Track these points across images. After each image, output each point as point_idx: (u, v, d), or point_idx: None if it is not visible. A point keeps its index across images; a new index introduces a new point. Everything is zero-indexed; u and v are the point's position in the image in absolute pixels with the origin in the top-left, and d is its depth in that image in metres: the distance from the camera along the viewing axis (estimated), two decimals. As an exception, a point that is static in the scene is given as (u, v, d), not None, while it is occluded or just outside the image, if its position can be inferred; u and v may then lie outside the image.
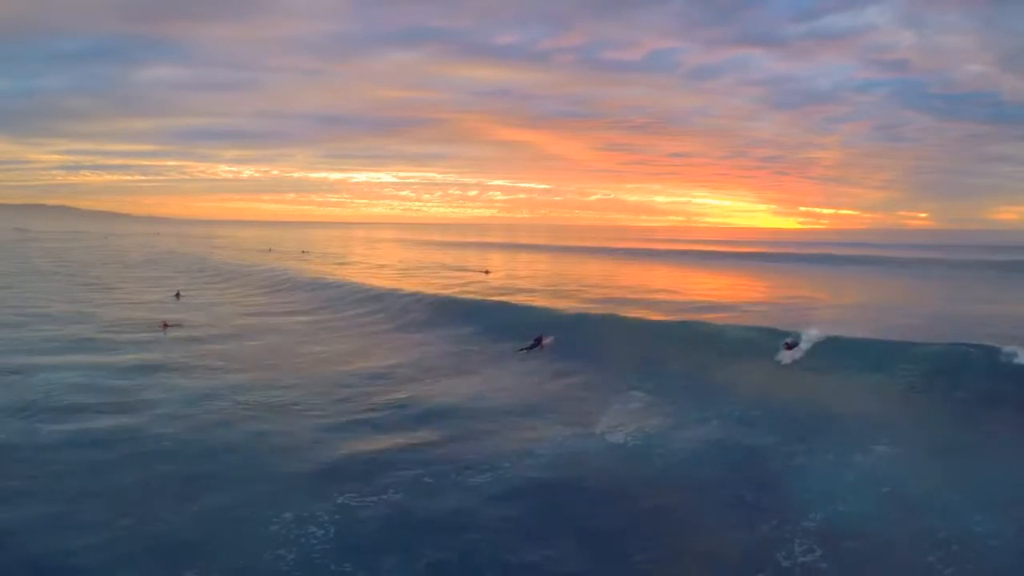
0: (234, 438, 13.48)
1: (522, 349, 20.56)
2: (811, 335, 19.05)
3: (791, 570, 8.75)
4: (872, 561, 9.00)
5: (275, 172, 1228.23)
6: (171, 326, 28.19)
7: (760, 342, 19.79)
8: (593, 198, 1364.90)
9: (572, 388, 17.66)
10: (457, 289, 38.00)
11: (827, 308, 29.17)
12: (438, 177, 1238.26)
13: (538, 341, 20.58)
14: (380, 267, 59.29)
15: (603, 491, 11.29)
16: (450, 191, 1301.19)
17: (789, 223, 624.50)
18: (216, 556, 8.96)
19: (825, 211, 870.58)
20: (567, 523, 10.19)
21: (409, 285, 39.35)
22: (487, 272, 51.78)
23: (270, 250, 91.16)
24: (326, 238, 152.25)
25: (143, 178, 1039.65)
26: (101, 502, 10.35)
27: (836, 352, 18.14)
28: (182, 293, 40.21)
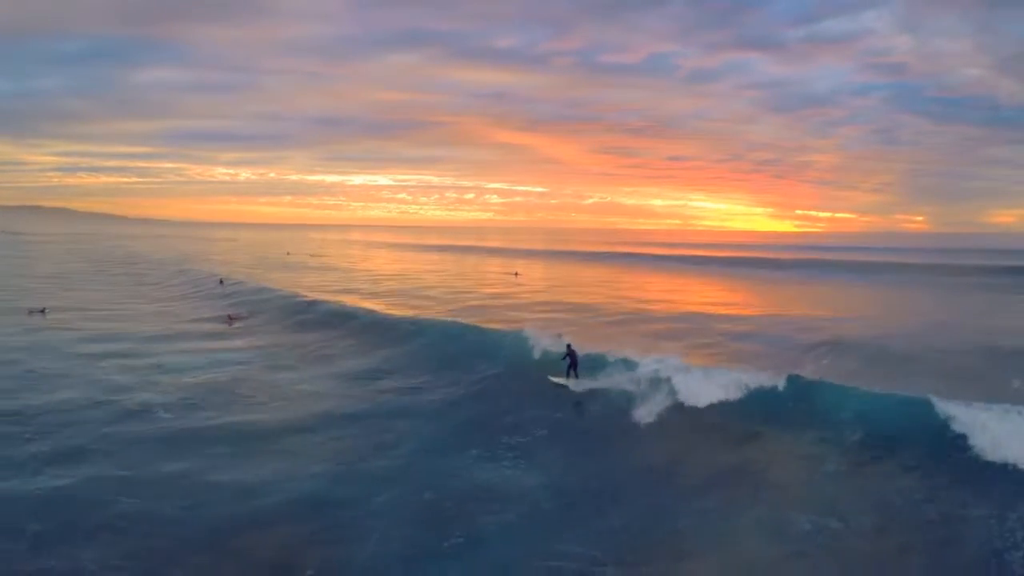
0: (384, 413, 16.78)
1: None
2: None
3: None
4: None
5: (272, 174, 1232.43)
6: (235, 319, 31.96)
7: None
8: (590, 201, 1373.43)
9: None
10: (496, 291, 41.31)
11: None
12: (435, 180, 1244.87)
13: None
14: (429, 287, 48.98)
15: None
16: (447, 194, 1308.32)
17: (785, 226, 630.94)
18: (411, 479, 12.40)
19: (822, 214, 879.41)
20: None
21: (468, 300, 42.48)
22: (516, 274, 55.75)
23: (288, 253, 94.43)
24: (332, 241, 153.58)
25: (139, 180, 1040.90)
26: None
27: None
28: (224, 280, 45.95)
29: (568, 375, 17.67)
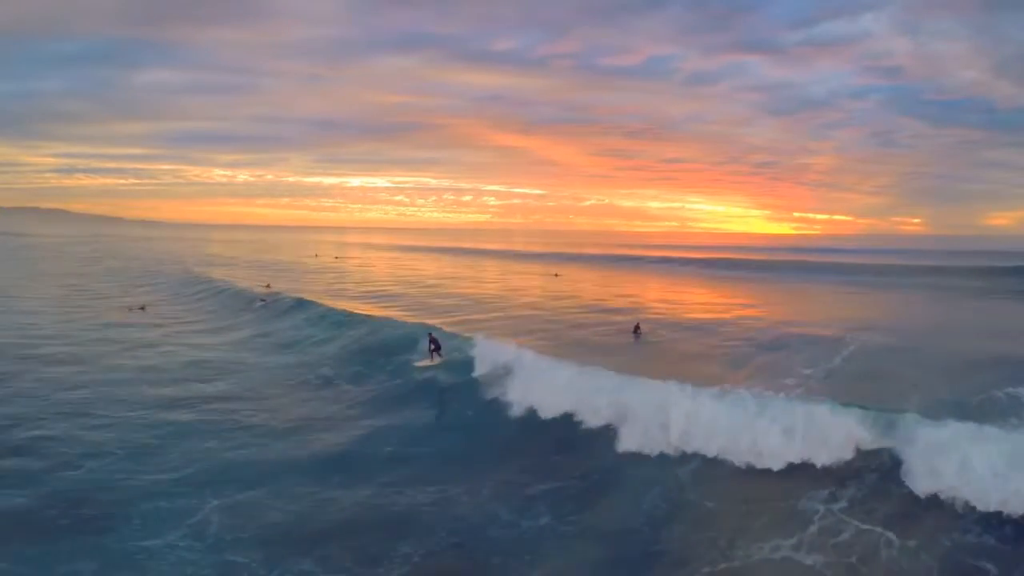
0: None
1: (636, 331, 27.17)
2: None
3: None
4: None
5: (270, 176, 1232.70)
6: (265, 301, 36.91)
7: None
8: (587, 203, 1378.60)
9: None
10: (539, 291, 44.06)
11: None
12: (432, 182, 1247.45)
13: (636, 328, 27.37)
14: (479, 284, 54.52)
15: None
16: (444, 196, 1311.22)
17: (783, 228, 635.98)
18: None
19: (819, 217, 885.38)
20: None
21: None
22: (556, 275, 58.73)
23: (316, 255, 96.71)
24: (345, 244, 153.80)
25: (137, 181, 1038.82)
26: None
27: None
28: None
29: (432, 358, 20.89)
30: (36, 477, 12.75)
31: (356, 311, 31.80)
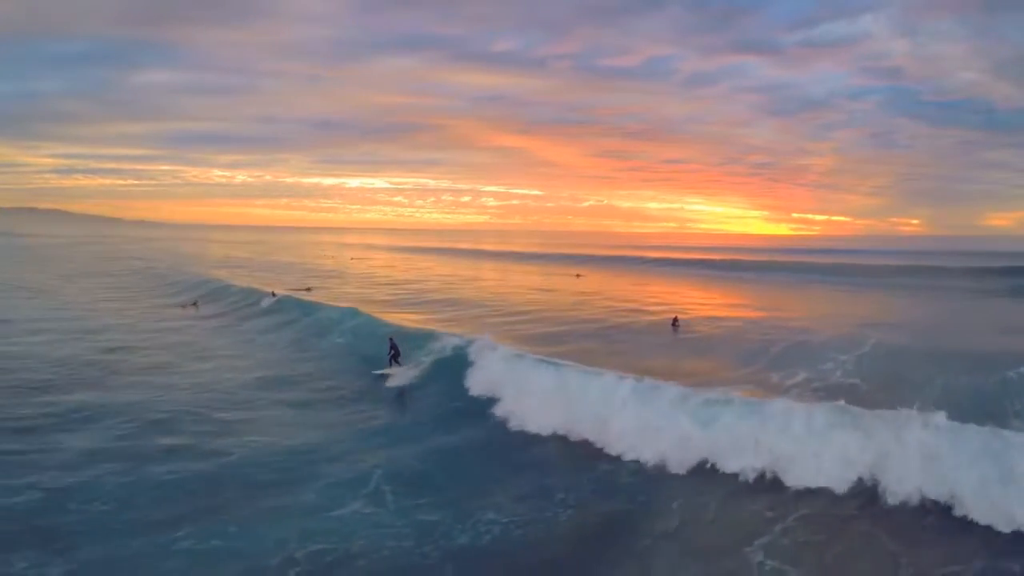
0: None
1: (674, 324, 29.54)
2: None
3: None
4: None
5: (268, 177, 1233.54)
6: (276, 295, 38.16)
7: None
8: (586, 204, 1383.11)
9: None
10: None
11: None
12: (431, 183, 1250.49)
13: (675, 322, 29.71)
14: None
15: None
16: (443, 197, 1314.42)
17: (781, 229, 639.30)
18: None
19: (818, 217, 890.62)
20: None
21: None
22: (578, 275, 60.70)
23: (332, 257, 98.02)
24: (351, 245, 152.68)
25: (136, 182, 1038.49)
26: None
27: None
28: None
29: (390, 365, 20.66)
30: (202, 459, 13.56)
31: (393, 311, 33.48)
